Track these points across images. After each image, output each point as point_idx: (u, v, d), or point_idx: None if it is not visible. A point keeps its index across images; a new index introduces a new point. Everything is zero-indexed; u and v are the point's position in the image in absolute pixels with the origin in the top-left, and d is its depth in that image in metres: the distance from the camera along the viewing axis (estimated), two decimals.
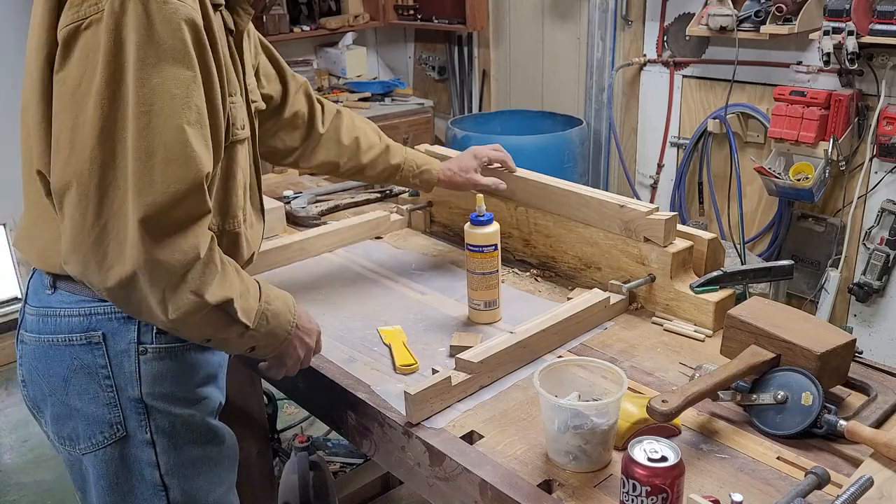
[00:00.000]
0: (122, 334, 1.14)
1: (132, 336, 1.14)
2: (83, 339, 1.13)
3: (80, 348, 1.14)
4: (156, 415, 1.17)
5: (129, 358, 1.14)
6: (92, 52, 0.96)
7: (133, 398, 1.16)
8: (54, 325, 1.14)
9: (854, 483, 0.98)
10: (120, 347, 1.14)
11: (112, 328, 1.13)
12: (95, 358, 1.14)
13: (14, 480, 2.72)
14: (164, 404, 1.18)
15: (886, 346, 2.94)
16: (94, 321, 1.13)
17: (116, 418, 1.16)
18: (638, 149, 3.58)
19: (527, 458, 1.13)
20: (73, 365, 1.14)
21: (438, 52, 4.34)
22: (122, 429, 1.16)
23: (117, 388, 1.15)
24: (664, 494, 0.93)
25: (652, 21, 3.35)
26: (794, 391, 1.15)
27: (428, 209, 1.95)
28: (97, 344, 1.13)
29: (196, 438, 1.23)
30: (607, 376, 1.15)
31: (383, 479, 2.37)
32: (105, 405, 1.15)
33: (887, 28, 2.52)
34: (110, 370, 1.14)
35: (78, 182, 0.98)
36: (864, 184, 2.82)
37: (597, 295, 1.49)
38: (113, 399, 1.15)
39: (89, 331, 1.13)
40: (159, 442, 1.19)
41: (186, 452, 1.22)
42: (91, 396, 1.15)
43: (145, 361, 1.15)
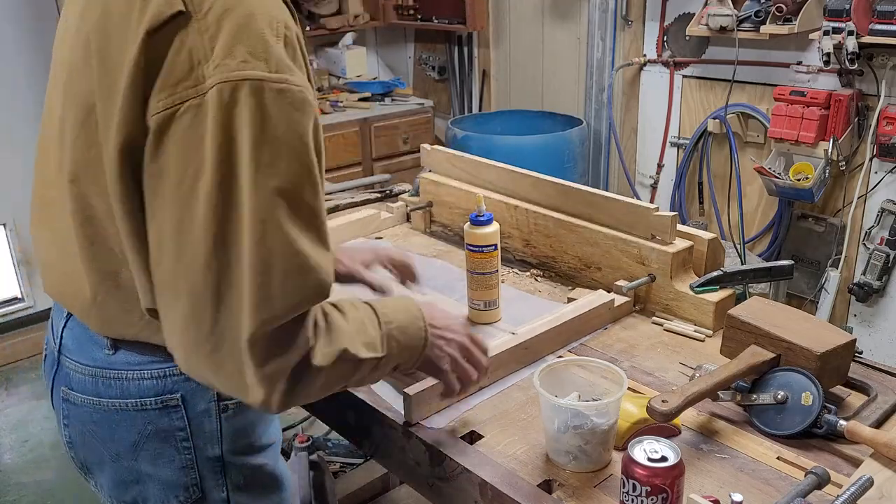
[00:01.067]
0: (201, 394, 1.05)
1: (211, 394, 1.05)
2: (158, 403, 1.04)
3: (154, 413, 1.04)
4: (232, 471, 1.11)
5: (209, 418, 1.06)
6: (194, 145, 0.84)
7: (212, 457, 1.08)
8: (120, 389, 1.04)
9: (854, 483, 0.98)
10: (200, 408, 1.05)
11: (190, 389, 1.04)
12: (173, 421, 1.05)
13: (14, 480, 2.72)
14: (241, 458, 1.11)
15: (886, 346, 2.94)
16: (169, 383, 1.03)
17: (193, 481, 1.08)
18: (638, 149, 3.58)
19: (527, 458, 1.13)
20: (145, 431, 1.05)
21: (438, 52, 4.34)
22: (199, 490, 1.09)
23: (196, 450, 1.07)
24: (664, 494, 0.93)
25: (652, 21, 3.35)
26: (794, 391, 1.15)
27: (428, 209, 1.95)
28: (175, 407, 1.04)
29: (265, 489, 1.16)
30: (607, 376, 1.15)
31: (383, 479, 2.37)
32: (181, 468, 1.07)
33: (887, 28, 2.52)
34: (189, 432, 1.06)
35: (191, 292, 0.87)
36: (864, 184, 2.82)
37: (601, 297, 1.49)
38: (190, 461, 1.07)
39: (165, 394, 1.03)
40: (234, 499, 1.12)
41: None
42: (166, 461, 1.07)
43: (227, 419, 1.07)
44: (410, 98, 4.17)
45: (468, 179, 1.87)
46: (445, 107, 4.35)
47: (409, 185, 2.14)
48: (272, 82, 0.83)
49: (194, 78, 0.84)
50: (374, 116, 3.89)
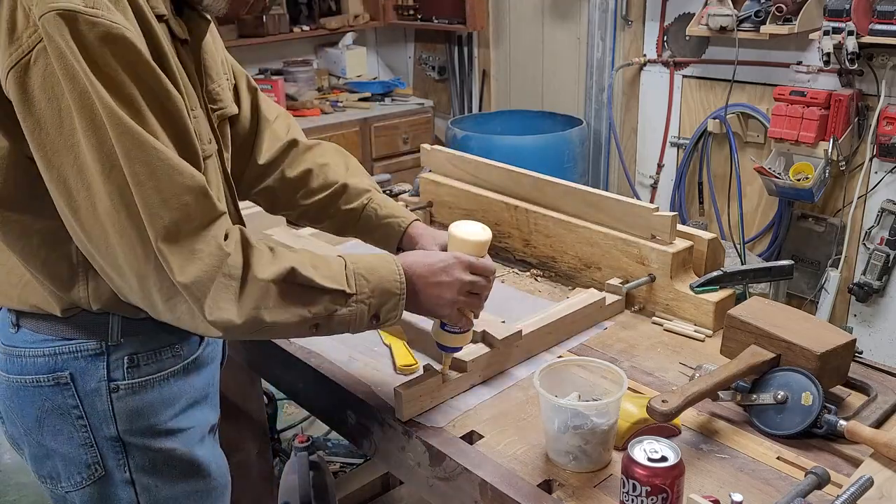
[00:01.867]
0: (90, 373, 1.08)
1: (101, 374, 1.08)
2: (51, 380, 1.08)
3: (48, 390, 1.08)
4: (134, 452, 1.12)
5: (100, 397, 1.08)
6: (54, 84, 0.89)
7: (109, 437, 1.10)
8: (21, 366, 1.09)
9: (854, 483, 0.98)
10: (90, 387, 1.08)
11: (79, 367, 1.08)
12: (66, 399, 1.08)
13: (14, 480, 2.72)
14: (142, 440, 1.12)
15: (886, 346, 2.94)
16: (59, 361, 1.07)
17: (94, 458, 1.11)
18: (638, 149, 3.58)
19: (527, 458, 1.13)
20: (44, 406, 1.09)
21: (438, 52, 4.34)
22: (101, 468, 1.11)
23: (92, 428, 1.09)
24: (664, 494, 0.93)
25: (652, 21, 3.35)
26: (794, 391, 1.15)
27: (428, 209, 1.95)
28: (66, 385, 1.08)
29: (179, 474, 1.16)
30: (607, 376, 1.15)
31: (383, 479, 2.37)
32: (80, 445, 1.10)
33: (887, 28, 2.52)
34: (83, 410, 1.09)
35: (112, 222, 0.93)
36: (864, 184, 2.82)
37: (592, 295, 1.50)
38: (88, 439, 1.10)
39: (56, 371, 1.07)
40: (139, 480, 1.13)
41: (168, 490, 1.15)
42: (66, 437, 1.10)
43: (118, 398, 1.09)
44: (410, 98, 4.17)
45: (468, 179, 1.87)
46: (445, 107, 4.35)
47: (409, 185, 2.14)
48: (86, 14, 0.88)
49: (31, 23, 0.88)
50: (374, 116, 3.89)
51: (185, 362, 1.15)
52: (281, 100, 3.66)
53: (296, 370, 1.43)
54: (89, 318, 1.07)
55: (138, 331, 1.09)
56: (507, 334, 1.32)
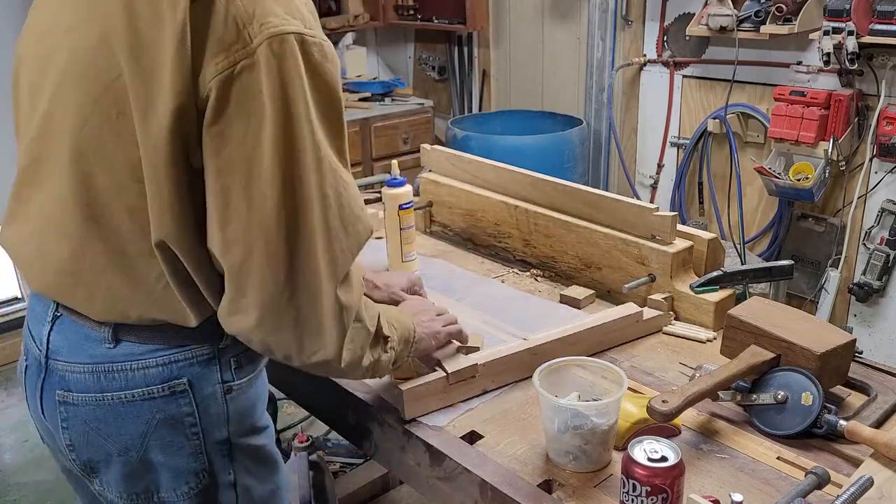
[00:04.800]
0: (206, 377, 1.07)
1: (216, 377, 1.07)
2: (165, 390, 1.05)
3: (162, 400, 1.05)
4: (237, 453, 1.12)
5: (216, 400, 1.08)
6: (253, 101, 0.91)
7: (220, 441, 1.10)
8: (125, 381, 1.04)
9: (854, 483, 0.98)
10: (206, 392, 1.07)
11: (196, 373, 1.06)
12: (181, 407, 1.06)
13: (14, 480, 2.72)
14: (246, 440, 1.13)
15: (886, 346, 2.94)
16: (175, 369, 1.05)
17: (202, 466, 1.10)
18: (638, 149, 3.58)
19: (527, 458, 1.13)
20: (153, 419, 1.06)
21: (438, 52, 4.34)
22: (207, 475, 1.10)
23: (204, 434, 1.08)
24: (664, 494, 0.93)
25: (652, 21, 3.35)
26: (794, 391, 1.15)
27: (428, 209, 1.95)
28: (182, 392, 1.05)
29: (268, 471, 1.19)
30: (607, 376, 1.15)
31: (383, 479, 2.37)
32: (190, 454, 1.08)
33: (887, 28, 2.52)
34: (197, 416, 1.07)
35: (266, 239, 0.93)
36: (864, 184, 2.82)
37: (628, 308, 1.44)
38: (199, 447, 1.08)
39: (172, 380, 1.05)
40: (240, 482, 1.14)
41: (261, 488, 1.18)
42: (175, 448, 1.07)
43: (231, 400, 1.09)
44: (410, 98, 4.17)
45: (468, 179, 1.87)
46: (445, 107, 4.35)
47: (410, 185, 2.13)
48: (309, 36, 0.94)
49: (242, 40, 0.91)
50: (374, 116, 3.89)
51: (265, 360, 1.17)
52: None
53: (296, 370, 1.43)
54: (208, 324, 1.05)
55: None
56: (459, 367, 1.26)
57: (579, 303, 1.55)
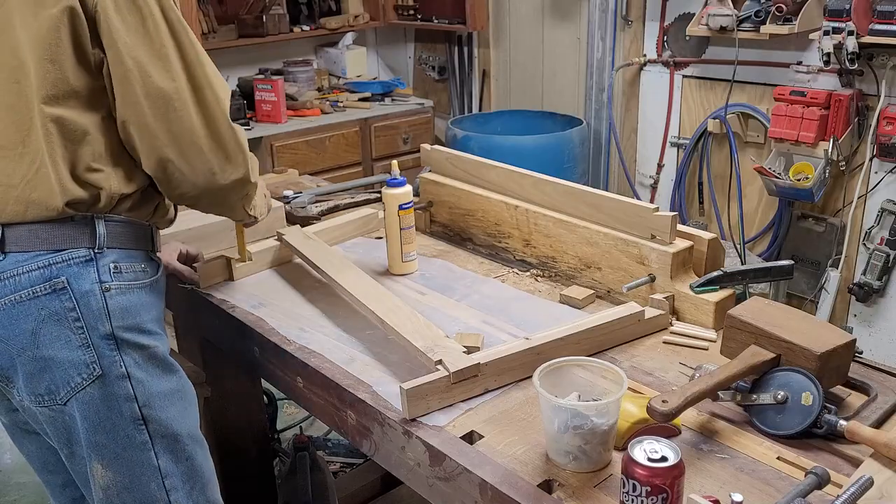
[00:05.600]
0: (84, 276, 1.20)
1: (94, 276, 1.21)
2: (47, 288, 1.18)
3: (45, 298, 1.18)
4: (126, 348, 1.24)
5: (95, 296, 1.21)
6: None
7: (104, 335, 1.22)
8: (14, 285, 1.18)
9: (854, 483, 0.98)
10: (85, 288, 1.20)
11: (73, 272, 1.20)
12: (63, 303, 1.19)
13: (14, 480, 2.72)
14: (133, 336, 1.24)
15: (886, 346, 2.94)
16: (54, 270, 1.19)
17: (91, 358, 1.21)
18: (638, 149, 3.58)
19: (527, 458, 1.13)
20: (40, 316, 1.19)
21: (438, 52, 4.34)
22: (98, 367, 1.22)
23: (88, 328, 1.20)
24: (664, 494, 0.93)
25: (652, 21, 3.35)
26: (794, 391, 1.15)
27: (428, 209, 1.95)
28: (62, 289, 1.19)
29: (163, 370, 1.30)
30: (607, 376, 1.15)
31: (383, 479, 2.37)
32: (78, 347, 1.20)
33: (887, 28, 2.52)
34: (79, 311, 1.20)
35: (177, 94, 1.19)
36: (864, 184, 2.82)
37: (629, 308, 1.43)
38: (85, 340, 1.20)
39: (52, 279, 1.18)
40: (133, 375, 1.24)
41: (157, 384, 1.28)
42: (63, 342, 1.20)
43: (110, 297, 1.22)
44: (410, 98, 4.17)
45: (468, 179, 1.87)
46: (445, 107, 4.35)
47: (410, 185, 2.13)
48: None
49: None
50: (374, 116, 3.89)
51: (152, 279, 1.32)
52: (281, 100, 3.65)
53: (296, 370, 1.43)
54: (78, 226, 1.21)
55: (116, 243, 1.25)
56: (462, 367, 1.25)
57: (579, 303, 1.55)
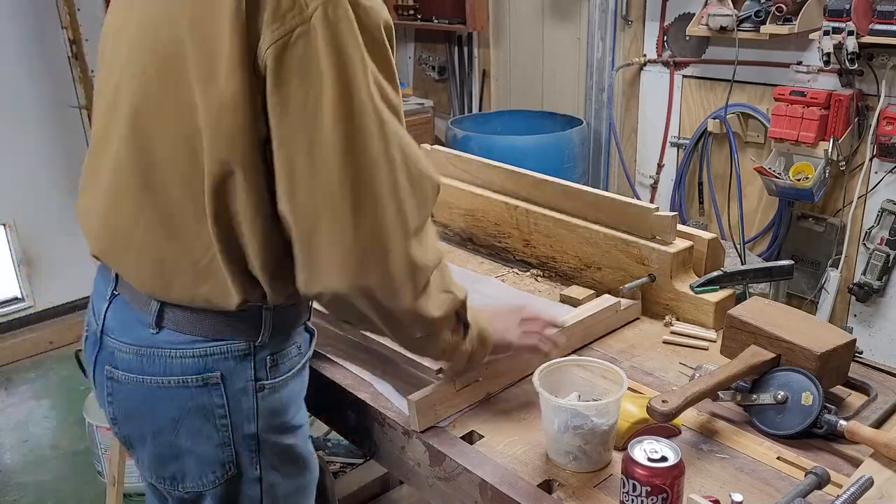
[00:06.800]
0: (239, 373, 1.09)
1: (249, 374, 1.10)
2: (199, 380, 1.08)
3: (195, 390, 1.08)
4: (266, 449, 1.14)
5: (247, 396, 1.10)
6: (312, 67, 0.93)
7: (248, 435, 1.12)
8: (164, 367, 1.08)
9: (854, 483, 0.98)
10: (238, 386, 1.10)
11: (229, 368, 1.09)
12: (212, 398, 1.09)
13: (14, 480, 2.72)
14: (275, 437, 1.15)
15: (886, 346, 2.94)
16: (210, 362, 1.08)
17: (229, 457, 1.12)
18: (638, 149, 3.58)
19: (527, 458, 1.13)
20: (185, 407, 1.09)
21: (438, 52, 4.34)
22: (234, 467, 1.13)
23: (233, 427, 1.11)
24: (664, 494, 0.93)
25: (652, 21, 3.35)
26: (794, 391, 1.15)
27: None
28: (215, 385, 1.08)
29: (296, 470, 1.21)
30: (607, 376, 1.15)
31: (383, 479, 2.37)
32: (218, 445, 1.11)
33: (887, 28, 2.52)
34: (227, 409, 1.10)
35: (331, 205, 0.95)
36: (864, 184, 2.82)
37: (605, 300, 1.49)
38: (227, 438, 1.11)
39: (206, 372, 1.08)
40: (266, 478, 1.16)
41: (287, 485, 1.20)
42: (204, 437, 1.11)
43: (263, 398, 1.12)
44: (410, 98, 4.16)
45: (468, 179, 1.87)
46: (445, 107, 4.35)
47: None
48: (363, 3, 0.96)
49: (298, 6, 0.92)
50: None
51: (304, 360, 1.20)
52: None
53: None
54: (248, 317, 1.08)
55: (278, 332, 1.12)
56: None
57: (579, 303, 1.55)
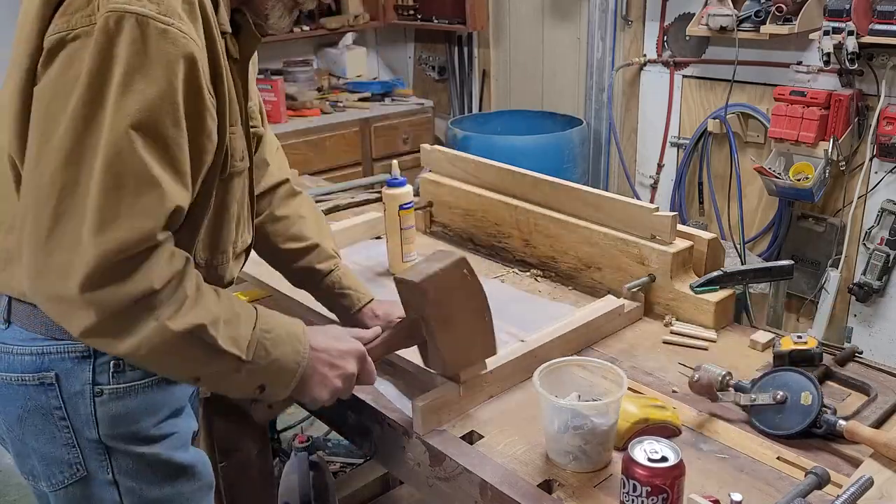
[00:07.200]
0: (76, 375, 1.06)
1: (87, 377, 1.06)
2: (35, 379, 1.06)
3: (33, 389, 1.06)
4: (117, 455, 1.10)
5: (84, 399, 1.07)
6: (73, 66, 0.90)
7: (91, 439, 1.09)
8: (7, 363, 1.07)
9: (854, 483, 0.98)
10: (74, 389, 1.06)
11: (65, 368, 1.06)
12: (49, 399, 1.07)
13: (14, 480, 2.72)
14: (125, 445, 1.10)
15: (886, 346, 2.94)
16: (46, 361, 1.05)
17: (76, 458, 1.09)
18: (638, 149, 3.58)
19: (527, 458, 1.13)
20: (27, 405, 1.07)
21: (438, 52, 4.34)
22: (83, 469, 1.10)
23: (74, 430, 1.08)
24: (664, 495, 0.93)
25: (652, 21, 3.35)
26: (794, 391, 1.15)
27: (428, 209, 1.95)
28: (50, 385, 1.06)
29: (163, 477, 1.14)
30: (607, 376, 1.15)
31: (383, 479, 2.37)
32: (63, 445, 1.09)
33: (887, 28, 2.52)
34: (65, 412, 1.07)
35: (35, 202, 0.91)
36: (864, 184, 2.82)
37: (610, 302, 1.48)
38: (70, 440, 1.08)
39: (42, 371, 1.06)
40: (122, 482, 1.12)
41: (152, 492, 1.14)
42: (48, 437, 1.09)
43: (101, 403, 1.07)
44: (410, 98, 4.16)
45: (468, 179, 1.87)
46: (445, 107, 4.35)
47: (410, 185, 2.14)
48: (158, 21, 0.90)
49: (90, 8, 0.90)
50: (374, 116, 3.89)
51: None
52: (281, 100, 3.65)
53: None
54: None
55: None
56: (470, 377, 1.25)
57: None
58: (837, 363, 1.33)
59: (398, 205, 1.67)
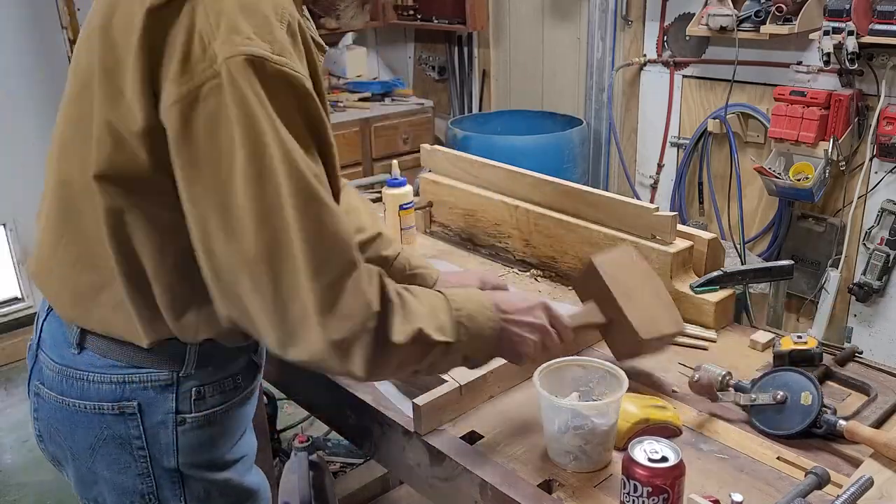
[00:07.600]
0: (158, 404, 1.04)
1: (170, 406, 1.04)
2: (115, 409, 1.03)
3: (111, 418, 1.03)
4: (191, 483, 1.09)
5: (166, 429, 1.05)
6: (223, 128, 0.87)
7: (168, 468, 1.07)
8: (81, 390, 1.04)
9: (854, 483, 0.98)
10: (157, 419, 1.04)
11: (148, 398, 1.03)
12: (129, 429, 1.04)
13: (14, 480, 2.72)
14: (200, 472, 1.09)
15: (886, 346, 2.94)
16: (127, 390, 1.03)
17: (149, 488, 1.07)
18: (638, 149, 3.58)
19: (527, 458, 1.13)
20: (102, 435, 1.05)
21: (438, 52, 4.34)
22: (155, 499, 1.08)
23: (151, 459, 1.06)
24: (665, 495, 0.93)
25: (652, 21, 3.35)
26: (794, 391, 1.15)
27: (428, 209, 1.95)
28: (132, 415, 1.03)
29: (232, 502, 1.15)
30: (607, 376, 1.15)
31: (383, 479, 2.37)
32: (137, 475, 1.07)
33: (887, 28, 2.52)
34: (145, 441, 1.05)
35: (250, 271, 0.89)
36: (864, 184, 2.82)
37: None
38: (146, 469, 1.06)
39: (123, 400, 1.03)
40: None
41: None
42: (121, 466, 1.06)
43: (183, 432, 1.06)
44: (410, 98, 4.16)
45: (468, 179, 1.87)
46: (445, 107, 4.35)
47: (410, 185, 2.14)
48: (273, 63, 0.87)
49: (209, 58, 0.85)
50: (374, 116, 3.89)
51: (245, 393, 1.13)
52: None
53: (295, 370, 1.43)
54: (169, 348, 1.03)
55: (209, 362, 1.06)
56: (470, 378, 1.25)
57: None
58: (837, 363, 1.33)
59: (398, 205, 1.67)
